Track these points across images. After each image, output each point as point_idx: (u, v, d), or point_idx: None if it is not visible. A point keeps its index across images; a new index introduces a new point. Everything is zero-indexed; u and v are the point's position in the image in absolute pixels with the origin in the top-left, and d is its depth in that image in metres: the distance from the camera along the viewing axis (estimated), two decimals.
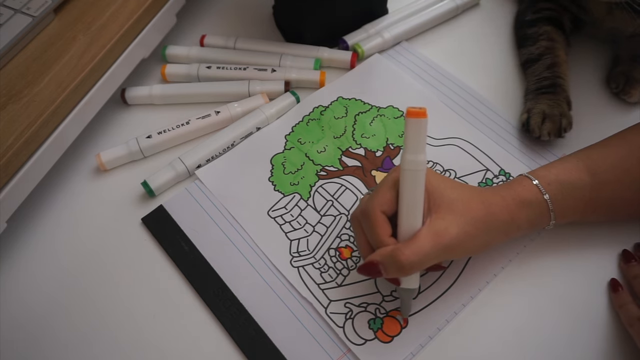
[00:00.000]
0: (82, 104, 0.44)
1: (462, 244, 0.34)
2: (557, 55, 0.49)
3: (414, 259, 0.33)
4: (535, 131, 0.45)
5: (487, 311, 0.39)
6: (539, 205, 0.37)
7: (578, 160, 0.38)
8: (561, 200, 0.37)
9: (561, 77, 0.48)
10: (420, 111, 0.32)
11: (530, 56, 0.50)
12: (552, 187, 0.37)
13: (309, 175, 0.46)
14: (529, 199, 0.37)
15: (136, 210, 0.45)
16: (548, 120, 0.45)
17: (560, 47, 0.50)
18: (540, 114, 0.45)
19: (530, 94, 0.48)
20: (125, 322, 0.40)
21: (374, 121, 0.49)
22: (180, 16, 0.54)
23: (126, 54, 0.47)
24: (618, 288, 0.38)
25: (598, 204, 0.38)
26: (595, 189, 0.37)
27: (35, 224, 0.45)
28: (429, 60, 0.54)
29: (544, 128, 0.45)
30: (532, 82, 0.49)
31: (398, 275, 0.34)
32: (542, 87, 0.47)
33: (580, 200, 0.38)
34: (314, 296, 0.40)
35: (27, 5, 0.46)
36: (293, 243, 0.43)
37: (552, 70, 0.48)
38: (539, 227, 0.38)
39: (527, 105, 0.47)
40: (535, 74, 0.49)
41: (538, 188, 0.37)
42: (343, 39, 0.55)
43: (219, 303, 0.40)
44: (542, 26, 0.51)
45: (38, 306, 0.41)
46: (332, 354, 0.37)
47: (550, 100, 0.46)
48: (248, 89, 0.50)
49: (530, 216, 0.37)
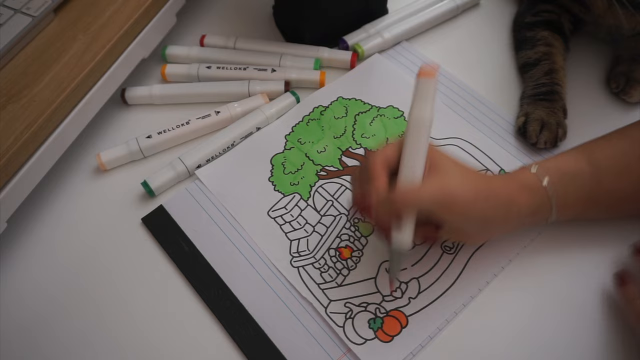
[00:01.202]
0: (82, 104, 0.44)
1: (461, 197, 0.34)
2: (555, 62, 0.49)
3: (411, 193, 0.33)
4: (532, 138, 0.45)
5: (487, 311, 0.39)
6: (538, 192, 0.37)
7: (578, 152, 0.39)
8: (561, 189, 0.37)
9: (559, 84, 0.48)
10: (431, 70, 0.34)
11: (528, 60, 0.50)
12: (552, 175, 0.37)
13: (309, 175, 0.46)
14: (528, 184, 0.37)
15: (136, 210, 0.45)
16: (546, 129, 0.45)
17: (558, 52, 0.50)
18: (538, 121, 0.46)
19: (527, 98, 0.48)
20: (124, 322, 0.40)
21: (374, 121, 0.49)
22: (180, 16, 0.54)
23: (126, 54, 0.47)
24: (626, 281, 0.37)
25: (598, 196, 0.38)
26: (595, 180, 0.37)
27: (35, 224, 0.45)
28: (429, 60, 0.54)
29: (542, 137, 0.45)
30: (529, 87, 0.49)
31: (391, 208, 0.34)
32: (539, 92, 0.47)
33: (580, 190, 0.38)
34: (314, 296, 0.40)
35: (27, 5, 0.46)
36: (293, 243, 0.43)
37: (550, 76, 0.48)
38: (540, 216, 0.38)
39: (523, 109, 0.47)
40: (533, 79, 0.49)
41: (537, 176, 0.37)
42: (343, 39, 0.55)
43: (219, 303, 0.40)
44: (540, 31, 0.51)
45: (38, 306, 0.41)
46: (332, 354, 0.37)
47: (547, 108, 0.46)
48: (248, 89, 0.50)
49: (530, 202, 0.37)
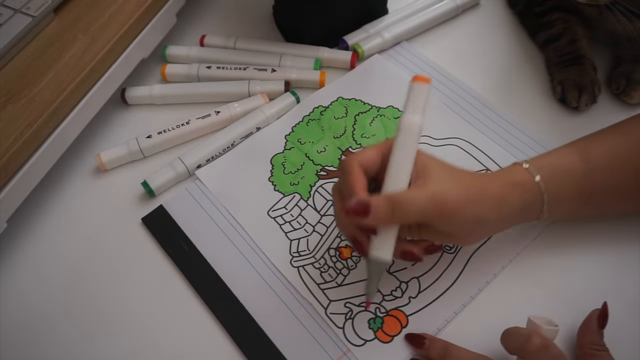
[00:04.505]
0: (82, 104, 0.44)
1: (451, 201, 0.33)
2: (576, 32, 0.51)
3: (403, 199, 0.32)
4: (572, 103, 0.48)
5: (487, 311, 0.39)
6: (530, 187, 0.36)
7: (571, 147, 0.39)
8: (553, 184, 0.36)
9: (583, 49, 0.50)
10: (425, 78, 0.33)
11: (550, 37, 0.52)
12: (544, 170, 0.37)
13: (309, 175, 0.46)
14: (520, 180, 0.36)
15: (136, 210, 0.45)
16: (584, 92, 0.48)
17: (577, 24, 0.51)
18: (575, 86, 0.48)
19: (556, 66, 0.50)
20: (124, 322, 0.40)
21: (374, 121, 0.49)
22: (180, 16, 0.54)
23: (126, 54, 0.47)
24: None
25: (592, 192, 0.38)
26: (589, 176, 0.37)
27: (35, 224, 0.45)
28: (429, 60, 0.54)
29: (582, 101, 0.48)
30: (554, 56, 0.51)
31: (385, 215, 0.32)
32: (566, 60, 0.50)
33: (573, 186, 0.37)
34: (314, 296, 0.40)
35: (27, 5, 0.46)
36: (293, 243, 0.43)
37: (575, 45, 0.50)
38: (532, 213, 0.37)
39: (556, 77, 0.50)
40: (557, 50, 0.51)
41: (529, 171, 0.37)
42: (343, 39, 0.55)
43: (219, 303, 0.40)
44: (553, 14, 0.52)
45: (38, 306, 0.41)
46: (332, 354, 0.37)
47: (578, 70, 0.49)
48: (248, 89, 0.50)
49: (522, 198, 0.36)
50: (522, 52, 0.55)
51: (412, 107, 0.34)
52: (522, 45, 0.55)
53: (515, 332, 0.34)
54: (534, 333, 0.32)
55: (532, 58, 0.54)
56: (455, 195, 0.33)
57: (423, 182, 0.33)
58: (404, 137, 0.33)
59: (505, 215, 0.36)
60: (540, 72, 0.52)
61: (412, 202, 0.32)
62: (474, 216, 0.34)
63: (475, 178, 0.36)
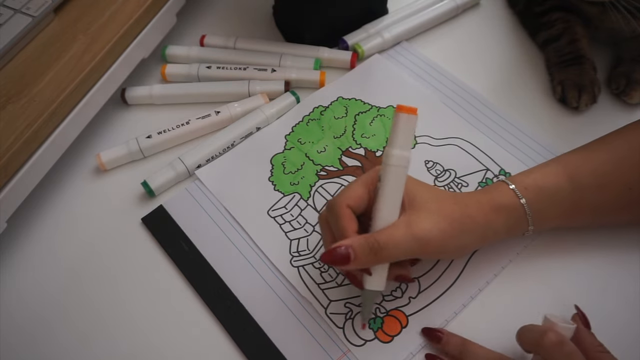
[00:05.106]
0: (82, 104, 0.44)
1: (435, 239, 0.33)
2: (576, 32, 0.51)
3: (388, 243, 0.32)
4: (572, 103, 0.48)
5: (487, 311, 0.39)
6: (515, 210, 0.36)
7: (557, 164, 0.38)
8: (539, 204, 0.36)
9: (583, 49, 0.50)
10: (411, 108, 0.31)
11: (550, 37, 0.52)
12: (530, 191, 0.36)
13: (309, 175, 0.46)
14: (505, 204, 0.36)
15: (136, 210, 0.45)
16: (584, 92, 0.48)
17: (577, 24, 0.51)
18: (574, 86, 0.48)
19: (556, 66, 0.50)
20: (124, 322, 0.40)
21: (374, 121, 0.49)
22: (180, 16, 0.54)
23: (126, 54, 0.47)
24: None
25: (580, 209, 0.37)
26: (576, 194, 0.37)
27: (35, 224, 0.45)
28: (429, 60, 0.54)
29: (582, 101, 0.48)
30: (554, 56, 0.51)
31: (368, 260, 0.32)
32: (566, 60, 0.50)
33: (559, 205, 0.37)
34: (314, 296, 0.40)
35: (27, 5, 0.46)
36: (293, 243, 0.43)
37: (574, 45, 0.50)
38: (517, 232, 0.38)
39: (556, 77, 0.50)
40: (557, 50, 0.51)
41: (514, 192, 0.36)
42: (343, 39, 0.55)
43: (219, 303, 0.40)
44: (553, 14, 0.52)
45: (38, 306, 0.41)
46: (332, 354, 0.37)
47: (577, 70, 0.49)
48: (248, 89, 0.50)
49: (507, 221, 0.36)
50: (522, 52, 0.55)
51: (399, 142, 0.32)
52: (522, 45, 0.55)
53: (530, 328, 0.34)
54: (549, 329, 0.32)
55: (532, 58, 0.54)
56: (440, 232, 0.33)
57: (408, 217, 0.33)
58: (391, 175, 0.32)
59: (490, 238, 0.37)
60: (540, 72, 0.52)
61: (396, 245, 0.32)
62: (457, 244, 0.35)
63: (459, 206, 0.35)
